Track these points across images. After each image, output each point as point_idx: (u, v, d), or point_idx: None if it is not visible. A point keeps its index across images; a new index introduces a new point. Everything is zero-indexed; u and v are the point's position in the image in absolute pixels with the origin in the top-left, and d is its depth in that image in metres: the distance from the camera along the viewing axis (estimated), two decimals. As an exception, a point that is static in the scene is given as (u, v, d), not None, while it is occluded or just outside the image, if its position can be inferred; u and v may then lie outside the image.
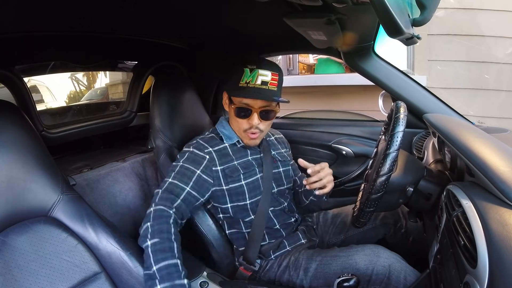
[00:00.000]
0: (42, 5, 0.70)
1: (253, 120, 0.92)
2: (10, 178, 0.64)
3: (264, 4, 0.63)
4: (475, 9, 2.03)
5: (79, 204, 0.71)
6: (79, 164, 1.24)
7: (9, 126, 0.66)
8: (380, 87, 1.19)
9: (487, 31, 2.03)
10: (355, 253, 0.88)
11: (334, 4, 0.60)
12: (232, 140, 0.99)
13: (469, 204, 0.57)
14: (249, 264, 0.96)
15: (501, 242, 0.47)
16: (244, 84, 0.89)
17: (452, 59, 2.15)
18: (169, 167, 0.95)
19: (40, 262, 0.63)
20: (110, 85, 1.69)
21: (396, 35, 0.51)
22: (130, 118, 1.44)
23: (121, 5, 0.79)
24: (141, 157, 1.35)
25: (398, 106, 0.76)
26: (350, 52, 1.14)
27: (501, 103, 2.11)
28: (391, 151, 0.67)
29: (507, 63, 2.05)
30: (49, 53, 1.07)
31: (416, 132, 1.20)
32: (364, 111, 1.84)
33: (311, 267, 0.90)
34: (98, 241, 0.69)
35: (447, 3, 2.05)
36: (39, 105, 1.18)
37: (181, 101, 1.18)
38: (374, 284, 0.82)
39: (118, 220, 1.19)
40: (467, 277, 0.52)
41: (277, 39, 1.24)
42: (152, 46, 1.23)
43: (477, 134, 0.77)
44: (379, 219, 1.05)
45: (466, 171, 0.70)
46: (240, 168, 0.97)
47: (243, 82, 0.89)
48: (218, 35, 1.19)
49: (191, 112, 1.22)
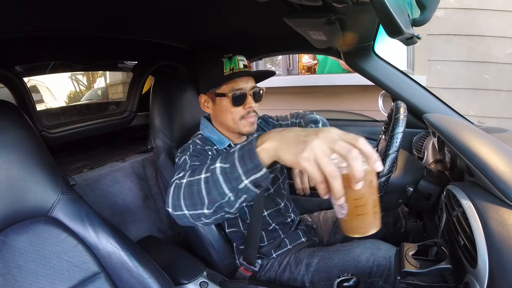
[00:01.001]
0: (42, 5, 0.70)
1: (249, 103, 0.89)
2: (10, 178, 0.64)
3: (264, 4, 0.63)
4: (475, 9, 2.03)
5: (79, 204, 0.71)
6: (79, 164, 1.24)
7: (9, 126, 0.66)
8: (380, 87, 1.19)
9: (487, 31, 2.03)
10: (356, 246, 0.89)
11: (334, 4, 0.60)
12: (223, 145, 0.93)
13: (469, 204, 0.57)
14: (249, 264, 0.96)
15: (501, 242, 0.47)
16: (229, 71, 0.87)
17: (452, 59, 2.15)
18: (168, 168, 0.94)
19: (40, 262, 0.63)
20: (110, 85, 1.69)
21: (396, 35, 0.51)
22: (130, 118, 1.44)
23: (121, 5, 0.79)
24: (141, 157, 1.35)
25: (398, 106, 0.76)
26: (350, 52, 1.14)
27: (501, 103, 2.11)
28: (390, 152, 0.67)
29: (507, 63, 2.05)
30: (49, 53, 1.07)
31: (416, 132, 1.20)
32: (364, 111, 1.84)
33: (313, 262, 0.90)
34: (98, 241, 0.69)
35: (447, 3, 2.05)
36: (39, 105, 1.18)
37: (181, 101, 1.18)
38: (375, 277, 0.82)
39: (118, 220, 1.19)
40: (467, 277, 0.52)
41: (277, 39, 1.24)
42: (152, 46, 1.23)
43: (477, 134, 0.77)
44: (378, 219, 1.05)
45: (466, 171, 0.70)
46: None
47: (227, 70, 0.86)
48: (218, 35, 1.19)
49: (191, 112, 1.22)
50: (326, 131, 0.45)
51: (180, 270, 0.94)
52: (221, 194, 0.53)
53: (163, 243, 1.20)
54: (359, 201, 0.47)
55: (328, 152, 0.43)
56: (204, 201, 0.56)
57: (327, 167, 0.43)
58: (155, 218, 1.33)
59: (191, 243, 1.10)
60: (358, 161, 0.42)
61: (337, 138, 0.44)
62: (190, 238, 1.08)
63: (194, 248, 1.08)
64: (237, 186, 0.51)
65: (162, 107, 1.13)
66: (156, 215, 1.33)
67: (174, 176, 0.70)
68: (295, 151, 0.45)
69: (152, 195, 1.34)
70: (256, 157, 0.49)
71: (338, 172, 0.43)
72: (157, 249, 1.08)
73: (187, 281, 0.91)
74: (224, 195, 0.53)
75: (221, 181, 0.53)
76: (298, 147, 0.45)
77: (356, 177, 0.43)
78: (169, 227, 1.37)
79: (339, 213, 0.50)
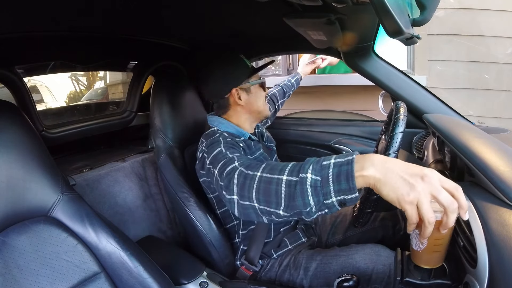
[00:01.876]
0: (42, 5, 0.70)
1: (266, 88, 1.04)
2: (10, 178, 0.63)
3: (264, 4, 0.63)
4: (475, 9, 2.03)
5: (79, 204, 0.71)
6: (79, 164, 1.24)
7: (9, 126, 0.66)
8: (380, 87, 1.19)
9: (487, 31, 2.02)
10: (355, 252, 0.88)
11: (334, 4, 0.60)
12: (245, 136, 0.97)
13: (469, 204, 0.57)
14: (250, 264, 0.96)
15: (501, 242, 0.47)
16: (250, 66, 0.99)
17: (452, 59, 2.15)
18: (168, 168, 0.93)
19: (40, 262, 0.63)
20: (110, 85, 1.69)
21: (396, 35, 0.51)
22: (130, 118, 1.44)
23: (121, 5, 0.79)
24: (141, 157, 1.35)
25: (398, 106, 0.76)
26: (350, 52, 1.14)
27: (501, 103, 2.11)
28: (390, 152, 0.67)
29: (507, 63, 2.05)
30: (49, 53, 1.07)
31: (416, 132, 1.20)
32: (364, 111, 1.84)
33: (311, 267, 0.90)
34: (98, 241, 0.69)
35: (447, 3, 2.05)
36: (39, 105, 1.18)
37: (181, 101, 1.18)
38: (375, 283, 0.82)
39: (118, 220, 1.19)
40: (467, 277, 0.52)
41: (277, 39, 1.24)
42: (152, 46, 1.23)
43: (477, 134, 0.77)
44: (378, 220, 1.05)
45: (466, 171, 0.70)
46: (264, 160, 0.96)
47: (250, 66, 0.99)
48: (218, 35, 1.19)
49: (191, 112, 1.22)
50: (431, 176, 0.45)
51: (180, 270, 0.94)
52: (305, 204, 0.53)
53: (163, 243, 1.20)
54: (439, 241, 0.52)
55: (430, 198, 0.44)
56: (281, 203, 0.56)
57: (428, 214, 0.44)
58: (155, 218, 1.33)
59: (191, 243, 1.10)
60: (456, 214, 0.45)
61: (441, 186, 0.45)
62: (190, 238, 1.08)
63: (194, 248, 1.08)
64: (324, 201, 0.51)
65: (162, 107, 1.13)
66: (156, 215, 1.33)
67: (226, 163, 0.71)
68: (400, 192, 0.45)
69: (152, 195, 1.34)
70: (353, 181, 0.48)
71: (435, 219, 0.45)
72: (157, 249, 1.08)
73: (187, 281, 0.91)
74: (307, 205, 0.53)
75: (309, 193, 0.52)
76: (403, 188, 0.45)
77: (448, 226, 0.46)
78: (169, 227, 1.37)
79: (416, 246, 0.54)
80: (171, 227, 1.37)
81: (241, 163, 0.68)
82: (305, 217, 0.55)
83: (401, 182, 0.45)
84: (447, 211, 0.44)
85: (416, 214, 0.45)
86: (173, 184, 1.03)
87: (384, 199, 0.47)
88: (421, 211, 0.44)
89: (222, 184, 0.69)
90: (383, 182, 0.46)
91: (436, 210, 0.46)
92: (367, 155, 0.50)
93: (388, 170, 0.47)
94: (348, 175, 0.49)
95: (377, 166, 0.48)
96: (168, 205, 1.37)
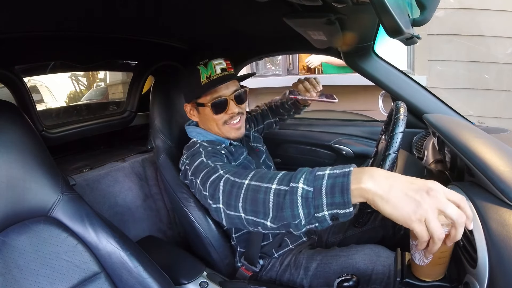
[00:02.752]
0: (42, 5, 0.70)
1: (232, 109, 0.88)
2: (10, 178, 0.63)
3: (264, 4, 0.63)
4: (475, 9, 2.03)
5: (79, 204, 0.71)
6: (79, 164, 1.24)
7: (9, 126, 0.66)
8: (380, 87, 1.19)
9: (487, 31, 2.03)
10: (355, 252, 0.88)
11: (334, 4, 0.60)
12: (226, 143, 0.93)
13: (469, 204, 0.57)
14: (250, 265, 0.96)
15: (501, 242, 0.47)
16: (207, 80, 0.84)
17: (452, 59, 2.15)
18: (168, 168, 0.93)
19: (40, 262, 0.63)
20: (110, 85, 1.69)
21: (396, 35, 0.51)
22: (130, 118, 1.44)
23: (121, 5, 0.79)
24: (141, 157, 1.35)
25: (398, 106, 0.76)
26: (350, 52, 1.14)
27: (501, 103, 2.11)
28: (390, 152, 0.66)
29: (507, 63, 2.05)
30: (49, 53, 1.07)
31: (416, 132, 1.20)
32: (364, 111, 1.84)
33: (311, 266, 0.90)
34: (98, 241, 0.69)
35: (447, 3, 2.05)
36: (39, 105, 1.18)
37: (181, 101, 1.18)
38: (375, 284, 0.82)
39: (118, 220, 1.19)
40: (467, 277, 0.52)
41: (277, 39, 1.24)
42: (152, 46, 1.23)
43: (477, 134, 0.77)
44: (378, 220, 1.05)
45: (466, 171, 0.70)
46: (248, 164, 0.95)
47: (205, 79, 0.84)
48: (218, 35, 1.19)
49: (191, 112, 1.22)
50: (436, 190, 0.43)
51: (180, 270, 0.94)
52: (294, 216, 0.50)
53: (163, 243, 1.20)
54: (444, 253, 0.51)
55: (437, 214, 0.42)
56: (269, 213, 0.53)
57: (438, 231, 0.42)
58: (155, 218, 1.33)
59: (191, 243, 1.10)
60: (463, 227, 0.43)
61: (446, 199, 0.43)
62: (190, 238, 1.08)
63: (194, 248, 1.08)
64: (314, 214, 0.48)
65: (162, 107, 1.13)
66: (156, 215, 1.33)
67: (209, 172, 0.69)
68: (405, 210, 0.42)
69: (152, 195, 1.34)
70: (348, 195, 0.45)
71: (444, 235, 0.43)
72: (157, 249, 1.08)
73: (187, 281, 0.91)
74: (296, 217, 0.50)
75: (299, 204, 0.49)
76: (409, 206, 0.42)
77: (456, 239, 0.44)
78: (169, 227, 1.37)
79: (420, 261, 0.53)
80: (171, 227, 1.37)
81: (226, 171, 0.65)
82: (293, 229, 0.52)
83: (406, 200, 0.43)
84: (456, 224, 0.42)
85: (426, 232, 0.42)
86: (173, 185, 1.02)
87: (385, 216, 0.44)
88: (430, 228, 0.42)
89: (207, 194, 0.67)
90: (386, 200, 0.43)
91: (443, 223, 0.44)
92: (366, 168, 0.47)
93: (391, 187, 0.44)
94: (343, 188, 0.46)
95: (377, 181, 0.44)
96: (168, 205, 1.37)
